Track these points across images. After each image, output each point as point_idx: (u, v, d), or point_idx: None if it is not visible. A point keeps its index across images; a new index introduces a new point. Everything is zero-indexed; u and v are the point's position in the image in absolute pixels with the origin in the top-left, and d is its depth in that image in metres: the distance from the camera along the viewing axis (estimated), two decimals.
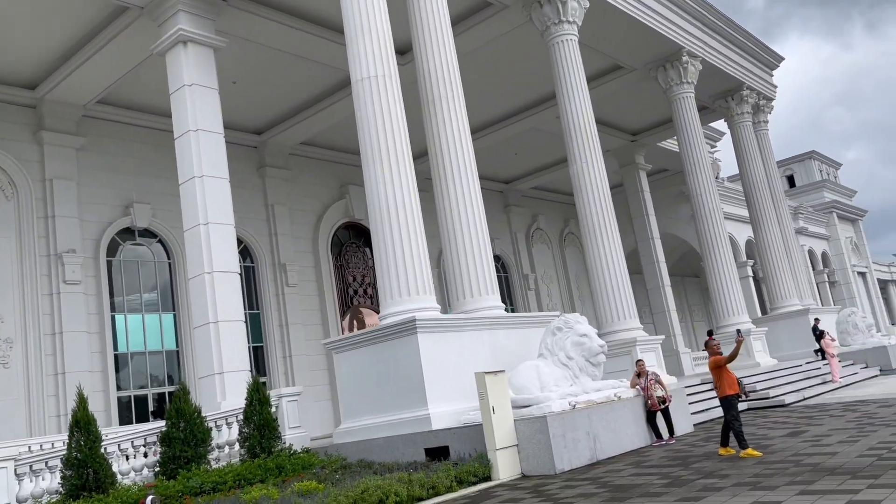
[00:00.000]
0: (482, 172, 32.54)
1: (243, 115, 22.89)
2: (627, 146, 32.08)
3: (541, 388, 11.20)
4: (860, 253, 55.28)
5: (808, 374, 20.34)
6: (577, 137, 19.03)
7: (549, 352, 12.27)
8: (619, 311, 18.14)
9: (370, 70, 13.19)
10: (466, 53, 21.08)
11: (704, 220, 24.39)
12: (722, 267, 23.87)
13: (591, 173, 18.86)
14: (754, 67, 29.23)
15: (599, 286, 18.50)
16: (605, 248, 18.44)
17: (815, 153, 55.21)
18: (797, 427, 11.90)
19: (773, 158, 30.54)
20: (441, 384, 11.62)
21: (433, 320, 11.88)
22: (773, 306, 28.02)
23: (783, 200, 30.31)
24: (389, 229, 12.56)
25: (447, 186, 14.27)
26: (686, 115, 24.51)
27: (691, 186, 24.74)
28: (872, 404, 14.07)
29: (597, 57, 23.45)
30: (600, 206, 18.68)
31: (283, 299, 23.93)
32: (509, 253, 34.57)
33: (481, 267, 13.96)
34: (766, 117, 30.64)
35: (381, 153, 12.86)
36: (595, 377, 12.24)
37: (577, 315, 12.74)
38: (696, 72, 24.67)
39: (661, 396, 12.00)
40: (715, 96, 28.75)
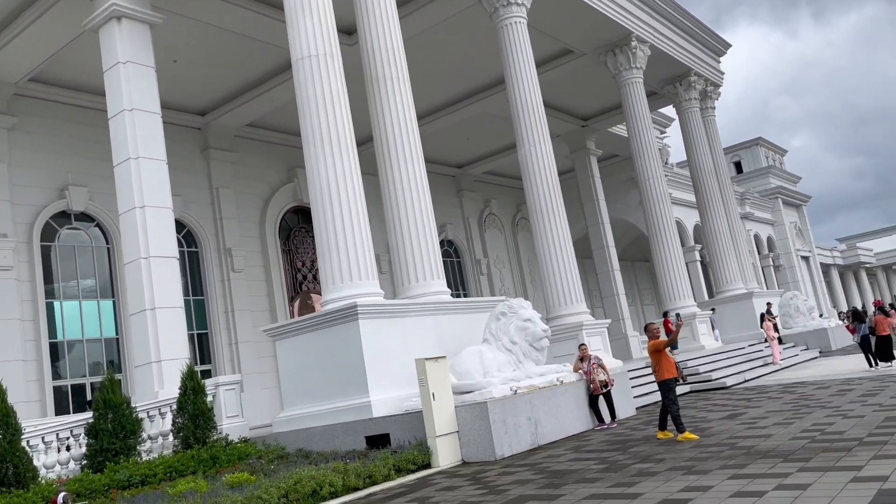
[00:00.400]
0: (434, 156, 32.83)
1: (186, 95, 22.19)
2: (578, 131, 32.17)
3: (483, 374, 11.09)
4: (804, 238, 56.84)
5: (751, 357, 20.75)
6: (525, 121, 18.92)
7: (494, 337, 12.18)
8: (566, 295, 18.16)
9: (311, 49, 12.81)
10: (416, 35, 20.78)
11: (652, 205, 24.63)
12: (668, 251, 24.16)
13: (540, 157, 18.79)
14: (702, 54, 29.55)
15: (547, 271, 18.50)
16: (553, 233, 18.43)
17: (762, 140, 56.41)
18: (736, 409, 12.07)
19: (719, 144, 31.00)
20: (383, 371, 11.42)
21: (375, 306, 11.66)
22: (718, 290, 28.55)
23: (729, 186, 30.83)
24: (331, 213, 12.26)
25: (391, 168, 14.00)
26: (635, 100, 24.63)
27: (639, 171, 24.93)
28: (810, 386, 14.38)
29: (547, 41, 23.36)
30: (548, 190, 18.64)
31: (229, 285, 23.39)
32: (462, 238, 34.48)
33: (426, 251, 13.77)
34: (714, 103, 31.05)
35: (322, 134, 12.52)
36: (539, 362, 12.19)
37: (522, 300, 12.65)
38: (644, 57, 24.79)
39: (603, 380, 12.03)
40: (664, 82, 28.99)
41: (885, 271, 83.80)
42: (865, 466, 6.54)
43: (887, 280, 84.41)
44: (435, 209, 33.63)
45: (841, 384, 13.81)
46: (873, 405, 10.40)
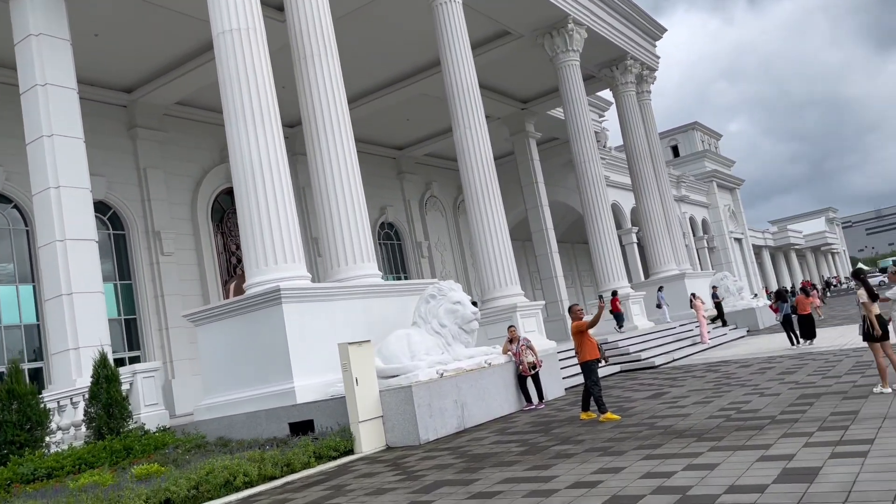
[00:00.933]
0: (374, 138, 32.43)
1: (110, 71, 21.27)
2: (518, 114, 32.20)
3: (411, 357, 10.96)
4: (737, 220, 58.53)
5: (681, 337, 21.23)
6: (461, 103, 18.75)
7: (423, 320, 12.06)
8: (500, 277, 18.18)
9: (233, 22, 12.32)
10: (352, 12, 20.38)
11: (587, 188, 24.85)
12: (603, 233, 24.44)
13: (475, 139, 18.68)
14: (639, 38, 29.85)
15: (482, 253, 18.47)
16: (488, 215, 18.39)
17: (698, 124, 57.67)
18: (660, 389, 12.27)
19: (654, 128, 31.48)
20: (309, 356, 11.17)
21: (300, 289, 11.38)
22: (652, 271, 29.11)
23: (664, 169, 31.36)
24: (255, 193, 11.88)
25: (320, 148, 13.67)
26: (571, 82, 24.72)
27: (575, 154, 25.09)
28: (733, 364, 14.75)
29: (484, 22, 23.20)
30: (483, 173, 18.57)
31: (159, 269, 22.65)
32: (403, 220, 34.26)
33: (357, 233, 13.53)
34: (650, 87, 31.47)
35: (245, 111, 12.09)
36: (468, 344, 12.14)
37: (452, 282, 12.56)
38: (581, 40, 24.87)
39: (531, 362, 12.05)
40: (601, 65, 29.20)
41: (814, 252, 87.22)
42: (774, 445, 6.67)
43: (815, 261, 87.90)
44: (375, 191, 33.70)
45: (763, 363, 14.20)
46: (790, 383, 10.69)
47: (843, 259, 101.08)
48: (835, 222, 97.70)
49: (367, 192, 32.00)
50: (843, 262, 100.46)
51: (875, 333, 8.40)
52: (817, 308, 27.53)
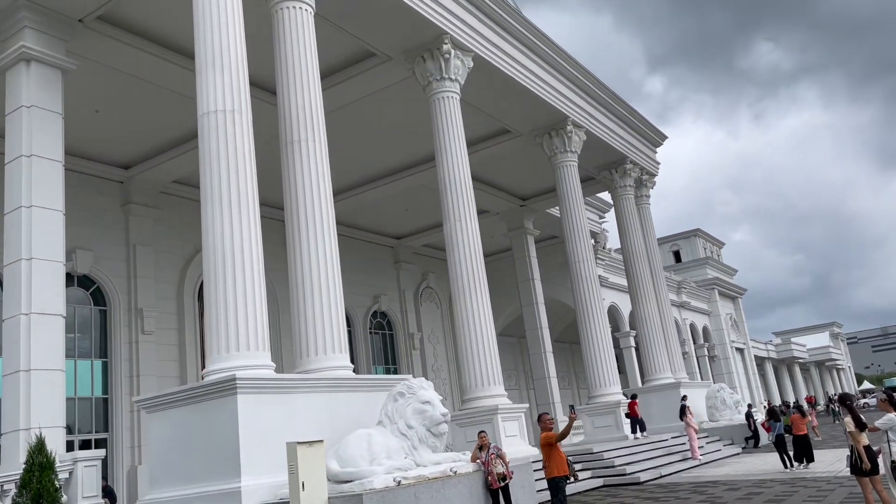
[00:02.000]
0: (372, 226, 32.38)
1: (109, 146, 21.45)
2: (517, 210, 32.26)
3: (370, 461, 10.22)
4: (739, 329, 57.68)
5: (671, 450, 20.21)
6: (452, 195, 18.62)
7: (389, 419, 11.36)
8: (483, 376, 17.48)
9: (218, 103, 12.28)
10: (352, 103, 20.65)
11: (581, 288, 24.41)
12: (596, 336, 23.80)
13: (465, 233, 18.42)
14: (638, 143, 30.18)
15: (466, 349, 17.85)
16: (474, 310, 17.90)
17: (700, 231, 57.83)
18: None
19: (653, 232, 31.35)
20: (263, 453, 10.43)
21: (258, 380, 10.76)
22: (646, 378, 28.24)
23: (661, 273, 31.01)
24: (223, 276, 11.47)
25: (300, 235, 13.35)
26: (568, 182, 24.74)
27: (570, 253, 24.80)
28: (721, 486, 13.83)
29: (485, 119, 23.50)
30: (472, 267, 18.22)
31: (137, 347, 22.07)
32: (396, 311, 33.76)
33: (329, 323, 13.01)
34: (649, 192, 31.57)
35: (223, 193, 11.85)
36: (436, 448, 11.38)
37: (423, 380, 11.92)
38: (580, 141, 25.08)
39: (500, 473, 11.24)
40: (600, 168, 29.40)
41: (818, 367, 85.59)
42: None
43: (819, 376, 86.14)
44: (370, 279, 33.35)
45: (752, 486, 13.29)
46: None
47: (849, 375, 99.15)
48: (839, 337, 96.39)
49: (362, 279, 32.13)
50: (849, 378, 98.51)
51: (863, 467, 7.71)
52: (814, 428, 26.44)
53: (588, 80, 25.55)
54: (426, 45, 18.56)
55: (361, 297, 31.85)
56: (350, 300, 31.26)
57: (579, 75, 24.94)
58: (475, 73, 19.98)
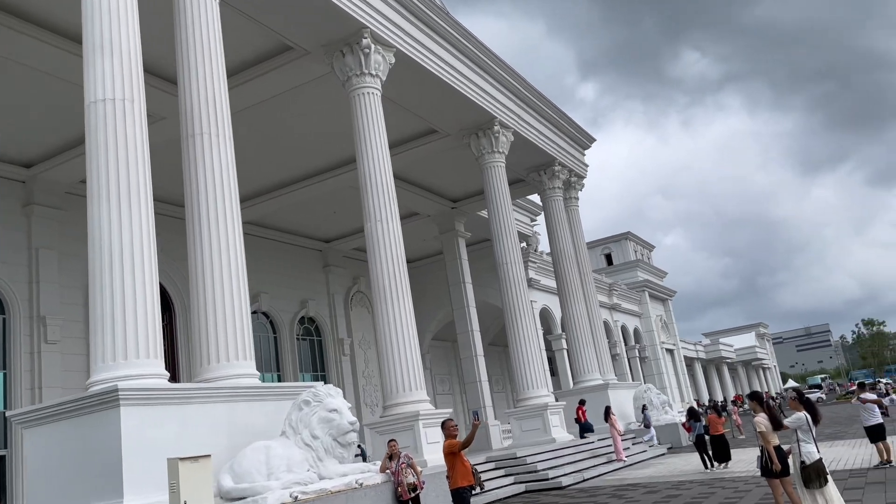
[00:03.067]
0: (299, 229, 31.41)
1: (9, 144, 20.02)
2: (448, 213, 31.84)
3: (268, 475, 9.50)
4: (669, 331, 58.75)
5: (597, 452, 20.03)
6: (374, 194, 18.01)
7: (293, 429, 10.66)
8: (405, 381, 16.90)
9: (107, 91, 11.35)
10: (274, 98, 19.85)
11: (509, 290, 24.10)
12: (525, 338, 23.51)
13: (387, 233, 17.83)
14: (567, 145, 30.18)
15: (387, 354, 17.25)
16: (395, 313, 17.31)
17: (631, 234, 58.69)
18: None
19: (582, 234, 31.38)
20: (148, 471, 9.54)
21: (145, 390, 9.89)
22: (576, 380, 28.17)
23: (590, 275, 31.06)
24: (109, 276, 10.55)
25: (201, 231, 12.47)
26: (496, 183, 24.43)
27: (498, 255, 24.48)
28: (641, 489, 13.60)
29: (411, 119, 22.97)
30: (392, 269, 17.62)
31: (40, 358, 20.64)
32: (325, 316, 32.83)
33: (233, 327, 12.17)
34: (577, 194, 31.61)
35: (110, 187, 10.91)
36: (343, 459, 10.73)
37: (331, 387, 11.27)
38: (507, 142, 24.82)
39: (411, 483, 10.67)
40: (529, 169, 29.25)
41: (745, 367, 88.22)
42: None
43: (747, 375, 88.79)
44: (297, 284, 32.33)
45: (671, 488, 13.09)
46: None
47: (774, 374, 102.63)
48: (765, 338, 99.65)
49: (289, 284, 31.12)
50: (775, 377, 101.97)
51: (773, 468, 7.46)
52: (739, 426, 26.83)
53: (516, 80, 25.34)
54: (345, 39, 17.92)
55: (288, 301, 30.86)
56: (276, 305, 30.24)
57: (507, 76, 24.70)
58: (399, 70, 19.45)
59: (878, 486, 10.44)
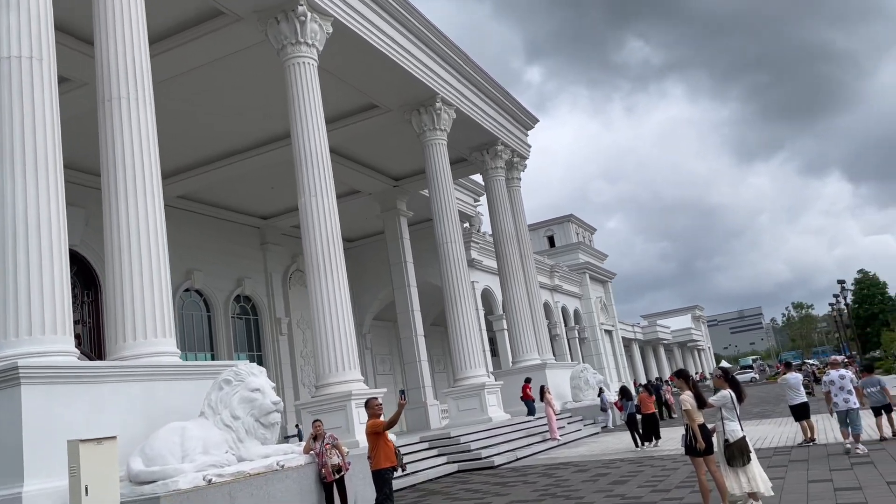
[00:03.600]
0: (235, 205, 30.43)
1: None
2: (390, 191, 31.36)
3: (182, 457, 9.02)
4: (608, 312, 59.73)
5: (532, 432, 20.08)
6: (308, 168, 17.43)
7: (212, 410, 10.17)
8: (338, 360, 16.50)
9: (13, 48, 10.51)
10: (206, 66, 19.03)
11: (449, 269, 23.88)
12: (463, 318, 23.36)
13: (321, 208, 17.29)
14: (510, 125, 30.01)
15: (319, 332, 16.79)
16: (329, 290, 16.85)
17: (573, 217, 59.25)
18: (482, 499, 10.84)
19: (523, 214, 31.35)
20: (53, 453, 8.94)
21: (50, 368, 9.27)
22: (515, 360, 28.24)
23: (531, 256, 31.11)
24: (12, 248, 9.82)
25: (117, 200, 11.73)
26: (437, 160, 24.09)
27: (438, 234, 24.20)
28: (572, 467, 13.62)
29: (351, 92, 22.35)
30: (327, 245, 17.13)
31: None
32: (262, 294, 32.02)
33: (152, 303, 11.57)
34: (520, 174, 31.53)
35: (15, 152, 10.15)
36: (266, 441, 10.31)
37: (254, 366, 10.80)
38: (449, 119, 24.46)
39: (336, 464, 10.33)
40: (472, 149, 28.99)
41: (681, 348, 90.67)
42: None
43: (682, 356, 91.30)
44: (233, 261, 31.33)
45: (602, 466, 13.14)
46: (616, 497, 9.56)
47: (709, 355, 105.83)
48: (701, 320, 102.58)
49: (224, 261, 30.16)
50: (709, 358, 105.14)
51: (697, 446, 7.40)
52: (671, 405, 27.38)
53: (459, 58, 24.95)
54: (280, 5, 17.23)
55: (223, 279, 29.97)
56: (210, 283, 29.33)
57: (450, 52, 24.28)
58: (338, 42, 18.83)
59: (801, 464, 10.64)
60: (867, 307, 70.38)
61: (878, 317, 66.41)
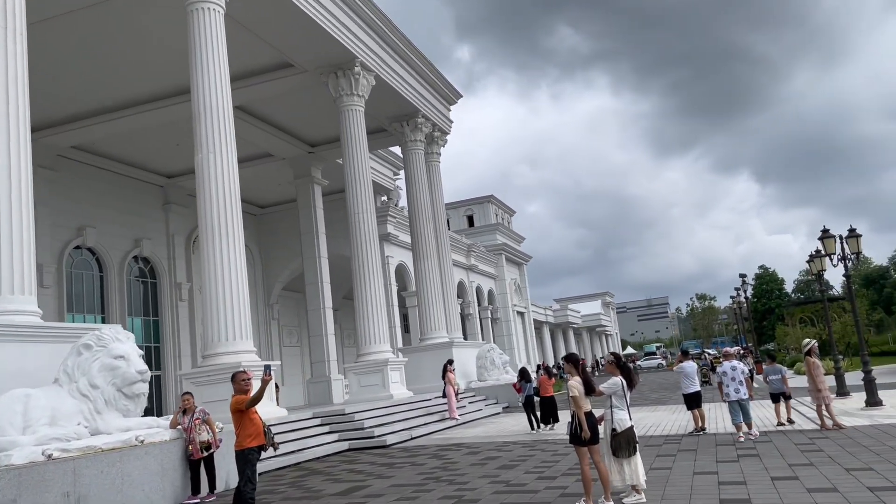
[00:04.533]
0: (137, 161, 28.51)
1: None
2: (305, 157, 30.15)
3: (23, 429, 8.02)
4: (522, 294, 60.23)
5: (431, 411, 19.68)
6: (208, 121, 16.28)
7: (68, 377, 9.15)
8: (228, 329, 15.55)
9: None
10: (105, 5, 17.41)
11: (359, 241, 23.07)
12: (370, 292, 22.65)
13: (219, 165, 16.19)
14: (432, 97, 29.28)
15: (210, 297, 15.77)
16: (223, 253, 15.82)
17: (493, 198, 59.21)
18: (363, 481, 10.26)
19: (441, 191, 30.77)
20: None
21: None
22: (423, 337, 27.81)
23: (445, 232, 30.63)
24: None
25: None
26: (353, 127, 23.14)
27: (350, 204, 23.32)
28: (464, 449, 13.24)
29: (265, 49, 21.09)
30: (225, 204, 16.06)
31: None
32: (162, 257, 30.27)
33: (9, 256, 10.37)
34: (440, 150, 30.90)
35: None
36: (129, 413, 9.37)
37: (120, 329, 9.82)
38: (368, 86, 23.52)
39: (205, 441, 9.53)
40: (391, 119, 28.14)
41: (590, 332, 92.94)
42: None
43: (591, 340, 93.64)
44: (132, 221, 29.44)
45: (494, 449, 12.81)
46: (500, 483, 9.17)
47: (616, 340, 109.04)
48: (610, 306, 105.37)
49: (121, 220, 28.28)
50: (616, 343, 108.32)
51: (583, 435, 7.03)
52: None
53: (382, 23, 23.97)
54: None
55: (119, 238, 28.14)
56: (104, 242, 27.49)
57: (373, 16, 23.27)
58: None
59: (689, 454, 10.56)
60: (765, 301, 73.82)
61: (774, 311, 69.72)
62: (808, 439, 11.31)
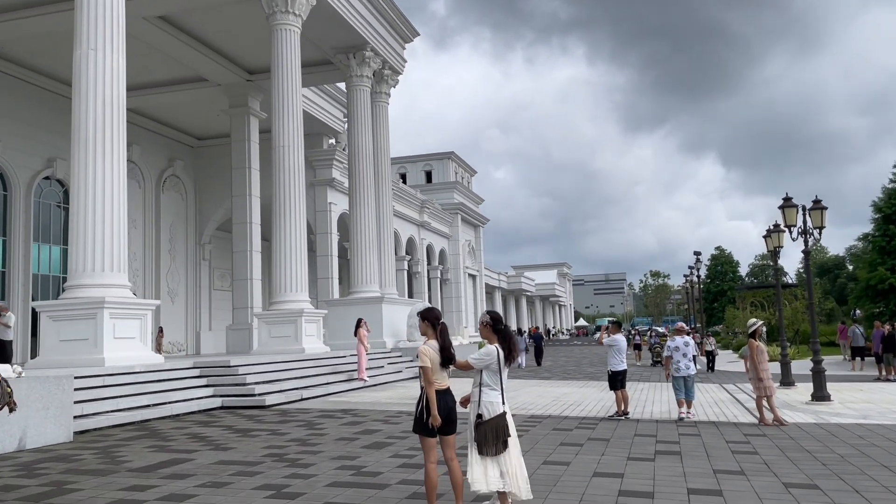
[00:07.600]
0: (54, 71, 25.53)
1: None
2: (242, 85, 27.59)
3: None
4: (475, 257, 58.47)
5: (342, 369, 17.78)
6: (88, 14, 13.83)
7: None
8: (95, 259, 13.35)
9: None
10: None
11: (282, 177, 20.71)
12: (289, 235, 20.45)
13: (101, 65, 13.85)
14: (384, 31, 26.81)
15: (78, 221, 13.52)
16: (100, 169, 13.55)
17: (454, 155, 56.92)
18: (192, 452, 8.27)
19: (387, 134, 28.45)
20: None
21: None
22: (351, 290, 25.83)
23: (388, 179, 28.44)
24: None
25: None
26: (286, 49, 20.65)
27: (276, 135, 20.90)
28: (349, 416, 11.37)
29: None
30: (105, 112, 13.76)
31: None
32: None
33: None
34: (389, 90, 28.50)
35: None
36: None
37: None
38: (307, 5, 21.00)
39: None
40: (337, 49, 25.64)
41: (543, 301, 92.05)
42: None
43: (543, 309, 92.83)
44: (44, 137, 26.52)
45: (381, 420, 10.93)
46: (352, 469, 7.29)
47: (569, 312, 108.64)
48: (567, 277, 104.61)
49: (32, 135, 25.42)
50: (568, 314, 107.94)
51: (431, 423, 5.13)
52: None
53: None
54: None
55: (28, 156, 25.41)
56: (10, 158, 24.74)
57: None
58: None
59: (598, 445, 8.82)
60: (718, 283, 73.35)
61: (726, 293, 69.28)
62: (742, 435, 9.68)
